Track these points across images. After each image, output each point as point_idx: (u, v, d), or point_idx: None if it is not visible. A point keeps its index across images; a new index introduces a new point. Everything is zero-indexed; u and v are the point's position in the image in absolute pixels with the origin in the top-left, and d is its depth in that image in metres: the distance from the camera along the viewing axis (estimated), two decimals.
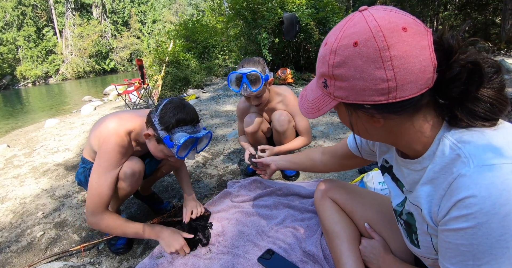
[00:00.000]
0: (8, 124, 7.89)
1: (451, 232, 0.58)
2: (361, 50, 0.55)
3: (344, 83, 0.59)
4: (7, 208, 2.21)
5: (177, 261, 1.38)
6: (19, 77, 30.16)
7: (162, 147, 1.31)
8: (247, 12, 6.62)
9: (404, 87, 0.54)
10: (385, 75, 0.54)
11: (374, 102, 0.57)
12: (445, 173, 0.60)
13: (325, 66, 0.61)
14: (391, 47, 0.53)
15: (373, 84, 0.55)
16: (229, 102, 5.24)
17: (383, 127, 0.64)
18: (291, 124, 1.97)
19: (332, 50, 0.59)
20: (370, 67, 0.54)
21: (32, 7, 32.65)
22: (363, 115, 0.62)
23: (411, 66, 0.53)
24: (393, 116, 0.60)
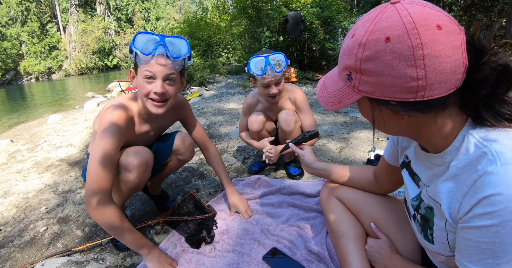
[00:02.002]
0: (11, 119, 7.91)
1: (473, 229, 0.57)
2: (393, 47, 0.53)
3: (371, 78, 0.57)
4: (10, 202, 2.21)
5: (181, 259, 1.37)
6: (22, 72, 30.27)
7: (139, 71, 1.22)
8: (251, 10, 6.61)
9: (433, 87, 0.53)
10: (415, 74, 0.53)
11: (401, 99, 0.56)
12: (469, 170, 0.60)
13: (351, 59, 0.59)
14: (425, 46, 0.51)
15: (402, 82, 0.54)
16: (232, 100, 5.23)
17: (405, 123, 0.64)
18: (298, 124, 1.95)
19: (361, 43, 0.57)
20: (401, 64, 0.53)
21: (36, 3, 32.72)
22: (387, 111, 0.61)
23: (442, 66, 0.52)
24: (418, 114, 0.59)
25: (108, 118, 1.23)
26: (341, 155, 2.44)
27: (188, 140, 1.62)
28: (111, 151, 1.19)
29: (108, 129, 1.21)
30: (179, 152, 1.61)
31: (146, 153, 1.38)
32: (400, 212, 1.13)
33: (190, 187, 2.14)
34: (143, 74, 1.22)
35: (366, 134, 2.88)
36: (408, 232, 1.07)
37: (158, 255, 1.31)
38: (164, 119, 1.55)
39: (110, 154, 1.19)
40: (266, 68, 1.75)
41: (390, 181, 1.14)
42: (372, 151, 2.28)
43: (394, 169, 1.05)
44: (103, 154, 1.17)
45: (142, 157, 1.34)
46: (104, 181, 1.16)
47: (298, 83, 6.25)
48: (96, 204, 1.13)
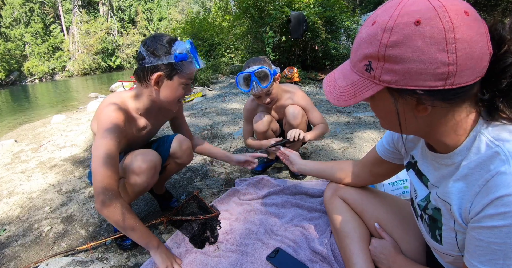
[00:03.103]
0: (15, 119, 7.94)
1: (485, 229, 0.57)
2: (423, 30, 0.50)
3: (396, 66, 0.54)
4: (14, 202, 2.22)
5: (185, 259, 1.37)
6: (26, 73, 30.40)
7: (176, 78, 1.29)
8: (254, 10, 6.60)
9: (463, 73, 0.51)
10: (447, 59, 0.50)
11: (429, 87, 0.53)
12: (481, 169, 0.59)
13: (374, 46, 0.55)
14: (456, 29, 0.50)
15: (432, 67, 0.51)
16: (235, 101, 5.23)
17: (424, 118, 0.61)
18: (304, 118, 1.96)
19: (387, 28, 0.53)
20: (432, 49, 0.50)
21: (39, 4, 32.88)
22: (408, 103, 0.58)
23: (472, 51, 0.51)
24: (444, 104, 0.56)
25: (106, 117, 1.24)
26: (344, 154, 2.43)
27: (186, 143, 1.60)
28: (112, 149, 1.20)
29: (108, 128, 1.21)
30: (176, 155, 1.58)
31: (154, 156, 1.38)
32: (405, 212, 1.12)
33: (194, 187, 2.14)
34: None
35: (369, 134, 2.87)
36: (413, 232, 1.06)
37: (166, 251, 1.33)
38: (159, 116, 1.56)
39: (112, 152, 1.20)
40: (252, 84, 1.77)
41: (371, 172, 1.17)
42: None
43: (382, 162, 1.07)
44: (106, 152, 1.18)
45: (150, 161, 1.35)
46: (110, 178, 1.17)
47: (301, 83, 6.24)
48: (105, 202, 1.14)
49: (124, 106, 1.32)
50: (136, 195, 1.43)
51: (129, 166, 1.34)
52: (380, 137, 2.77)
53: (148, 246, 1.29)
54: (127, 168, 1.35)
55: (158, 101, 1.35)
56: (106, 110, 1.26)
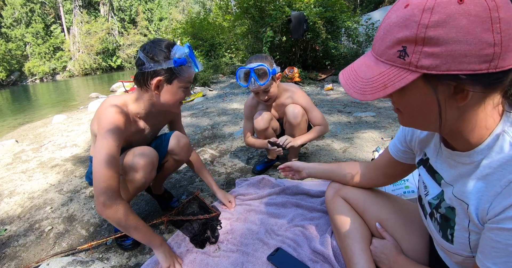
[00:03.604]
0: (16, 119, 7.96)
1: (504, 231, 0.55)
2: (468, 8, 0.47)
3: (438, 49, 0.49)
4: (15, 202, 2.22)
5: (186, 259, 1.37)
6: (27, 73, 30.46)
7: (176, 82, 1.31)
8: (254, 10, 6.60)
9: (506, 55, 0.48)
10: (492, 38, 0.47)
11: (473, 71, 0.49)
12: (504, 170, 0.57)
13: (410, 28, 0.51)
14: (500, 9, 0.47)
15: (477, 48, 0.48)
16: (236, 100, 5.23)
17: (459, 109, 0.57)
18: (304, 117, 1.97)
19: (427, 8, 0.49)
20: (477, 28, 0.47)
21: (40, 4, 32.94)
22: (446, 90, 0.54)
23: None
24: (485, 90, 0.53)
25: (108, 119, 1.25)
26: (345, 154, 2.43)
27: (183, 140, 1.62)
28: (114, 150, 1.21)
29: (109, 130, 1.23)
30: (174, 152, 1.60)
31: (151, 152, 1.41)
32: (406, 212, 1.12)
33: (194, 187, 2.14)
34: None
35: (370, 134, 2.86)
36: (414, 232, 1.06)
37: (169, 249, 1.34)
38: (159, 118, 1.58)
39: (113, 153, 1.21)
40: (250, 79, 1.80)
41: (385, 175, 1.13)
42: (376, 150, 2.27)
43: (396, 163, 1.04)
44: (107, 153, 1.19)
45: (148, 157, 1.38)
46: (111, 179, 1.17)
47: (302, 83, 6.24)
48: (106, 202, 1.14)
49: (125, 109, 1.34)
50: (135, 191, 1.44)
51: (127, 162, 1.36)
52: (381, 136, 2.77)
53: (151, 244, 1.29)
54: (125, 164, 1.37)
55: (159, 104, 1.38)
56: (107, 112, 1.27)
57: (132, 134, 1.42)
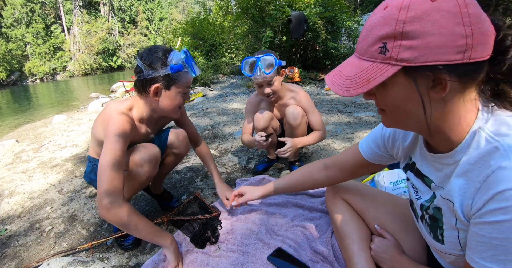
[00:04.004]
0: (16, 119, 7.96)
1: (486, 225, 0.57)
2: (440, 5, 0.52)
3: (415, 42, 0.53)
4: (15, 202, 2.22)
5: (186, 259, 1.37)
6: (27, 73, 30.47)
7: (174, 88, 1.34)
8: (255, 10, 6.60)
9: (478, 47, 0.53)
10: (464, 31, 0.52)
11: (450, 61, 0.53)
12: (481, 165, 0.59)
13: (389, 25, 0.55)
14: (469, 6, 0.52)
15: (451, 40, 0.52)
16: (236, 100, 5.23)
17: (440, 100, 0.59)
18: (304, 119, 1.97)
19: (403, 6, 0.54)
20: (449, 22, 0.52)
21: (40, 4, 32.95)
22: (426, 82, 0.57)
23: (483, 27, 0.53)
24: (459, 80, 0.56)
25: (115, 126, 1.27)
26: None
27: (182, 134, 1.66)
28: (120, 153, 1.23)
29: (116, 135, 1.25)
30: (173, 145, 1.64)
31: (154, 148, 1.45)
32: (406, 212, 1.12)
33: (195, 187, 2.14)
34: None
35: None
36: (413, 233, 1.06)
37: (178, 248, 1.35)
38: (161, 122, 1.62)
39: (119, 158, 1.22)
40: (256, 69, 1.79)
41: (353, 173, 1.15)
42: None
43: (368, 164, 1.05)
44: (113, 157, 1.20)
45: (151, 152, 1.42)
46: (116, 181, 1.18)
47: (302, 83, 6.24)
48: (108, 205, 1.14)
49: (130, 114, 1.37)
50: (137, 187, 1.47)
51: (131, 158, 1.39)
52: None
53: (160, 243, 1.29)
54: (129, 160, 1.39)
55: (159, 110, 1.42)
56: (114, 118, 1.29)
57: (135, 138, 1.44)
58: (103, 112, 1.37)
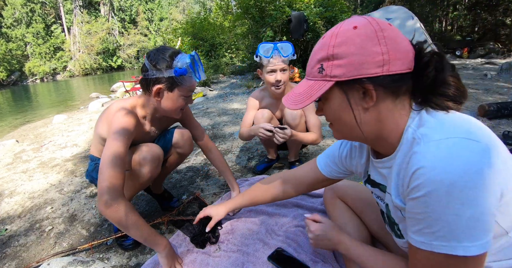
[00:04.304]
0: (16, 119, 7.96)
1: (410, 201, 0.64)
2: (360, 32, 0.65)
3: (343, 61, 0.66)
4: (16, 202, 2.22)
5: (186, 259, 1.37)
6: (27, 73, 30.47)
7: (176, 91, 1.33)
8: (255, 11, 6.60)
9: (395, 62, 0.64)
10: (380, 50, 0.64)
11: (372, 74, 0.64)
12: (405, 156, 0.67)
13: (324, 50, 0.69)
14: (384, 30, 0.65)
15: (371, 57, 0.64)
16: (236, 101, 5.23)
17: (372, 110, 0.69)
18: (303, 119, 1.98)
19: (333, 34, 0.68)
20: (368, 44, 0.64)
21: (40, 4, 32.95)
22: (357, 94, 0.68)
23: (399, 46, 0.65)
24: (385, 92, 0.67)
25: (119, 122, 1.28)
26: None
27: (187, 133, 1.68)
28: (122, 151, 1.23)
29: (119, 131, 1.25)
30: (178, 145, 1.65)
31: (157, 148, 1.46)
32: None
33: (195, 187, 2.14)
34: None
35: None
36: None
37: (172, 251, 1.32)
38: (164, 121, 1.62)
39: (122, 154, 1.22)
40: (273, 51, 1.81)
41: (310, 188, 1.23)
42: None
43: (326, 179, 1.13)
44: (116, 154, 1.20)
45: (154, 152, 1.43)
46: (115, 179, 1.17)
47: None
48: (108, 202, 1.13)
49: (134, 113, 1.38)
50: (139, 187, 1.47)
51: (134, 157, 1.40)
52: None
53: (154, 247, 1.26)
54: (132, 159, 1.40)
55: (160, 110, 1.42)
56: (118, 115, 1.30)
57: (139, 136, 1.45)
58: (108, 109, 1.38)
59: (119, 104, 1.37)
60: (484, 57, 11.30)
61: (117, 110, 1.32)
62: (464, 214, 0.55)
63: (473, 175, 0.55)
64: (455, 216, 0.56)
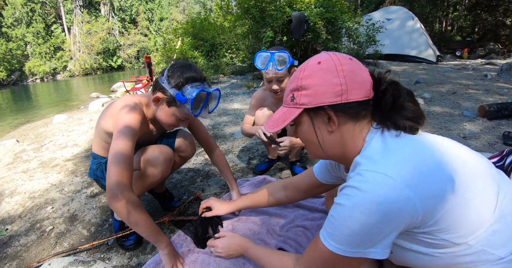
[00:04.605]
0: (17, 119, 7.96)
1: (334, 204, 0.75)
2: (322, 66, 0.77)
3: (308, 91, 0.78)
4: (16, 202, 2.22)
5: (187, 259, 1.37)
6: (27, 73, 30.42)
7: (173, 109, 1.33)
8: (255, 11, 6.59)
9: (352, 92, 0.75)
10: (339, 81, 0.75)
11: (332, 103, 0.76)
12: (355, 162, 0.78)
13: (294, 82, 0.82)
14: (343, 65, 0.76)
15: (331, 88, 0.76)
16: (236, 101, 5.23)
17: (336, 132, 0.80)
18: None
19: (301, 69, 0.81)
20: (329, 76, 0.76)
21: (41, 4, 32.92)
22: (322, 119, 0.80)
23: (356, 78, 0.76)
24: (345, 116, 0.78)
25: (127, 119, 1.29)
26: None
27: (189, 137, 1.69)
28: (129, 148, 1.24)
29: (127, 129, 1.26)
30: (181, 148, 1.67)
31: (169, 150, 1.49)
32: None
33: (196, 187, 2.14)
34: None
35: None
36: None
37: (173, 250, 1.33)
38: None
39: (129, 151, 1.23)
40: (269, 63, 1.80)
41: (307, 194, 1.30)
42: None
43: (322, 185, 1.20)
44: (123, 152, 1.21)
45: (167, 154, 1.46)
46: (123, 175, 1.18)
47: None
48: (115, 196, 1.14)
49: (141, 111, 1.38)
50: (148, 186, 1.49)
51: (146, 158, 1.42)
52: None
53: (157, 244, 1.27)
54: (144, 159, 1.42)
55: (156, 116, 1.42)
56: (124, 110, 1.31)
57: (143, 134, 1.45)
58: (113, 105, 1.39)
59: (125, 100, 1.37)
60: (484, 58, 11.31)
61: (122, 106, 1.33)
62: (352, 227, 0.69)
63: (370, 205, 0.66)
64: (346, 228, 0.70)
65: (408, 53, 9.55)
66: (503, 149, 1.23)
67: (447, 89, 4.82)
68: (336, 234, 0.72)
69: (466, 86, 5.00)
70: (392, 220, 0.66)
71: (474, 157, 0.76)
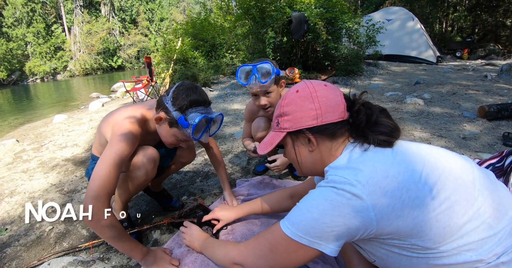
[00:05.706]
0: (16, 119, 7.96)
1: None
2: (300, 94, 0.88)
3: (289, 117, 0.89)
4: (16, 201, 2.22)
5: (186, 259, 1.37)
6: (28, 73, 30.44)
7: (175, 130, 1.31)
8: (255, 11, 6.59)
9: (327, 115, 0.84)
10: (314, 106, 0.84)
11: (309, 126, 0.85)
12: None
13: (278, 109, 0.93)
14: (317, 92, 0.86)
15: (307, 113, 0.85)
16: (236, 101, 5.23)
17: (316, 151, 0.88)
18: None
19: (284, 98, 0.92)
20: (305, 102, 0.86)
21: (41, 4, 32.94)
22: (303, 140, 0.89)
23: (330, 102, 0.85)
24: (322, 137, 0.86)
25: (127, 128, 1.28)
26: None
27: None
28: (124, 157, 1.23)
29: (126, 137, 1.25)
30: (182, 155, 1.71)
31: (152, 150, 1.44)
32: None
33: (195, 188, 2.14)
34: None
35: None
36: None
37: (153, 259, 1.30)
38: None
39: (123, 160, 1.22)
40: (251, 77, 1.66)
41: None
42: None
43: None
44: (118, 159, 1.19)
45: (150, 155, 1.42)
46: (110, 185, 1.16)
47: None
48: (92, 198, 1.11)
49: (142, 121, 1.38)
50: (135, 189, 1.47)
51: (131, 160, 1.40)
52: None
53: (132, 256, 1.25)
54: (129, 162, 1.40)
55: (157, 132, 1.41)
56: (127, 121, 1.30)
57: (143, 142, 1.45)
58: (115, 115, 1.37)
59: (130, 111, 1.36)
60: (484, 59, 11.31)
61: (126, 117, 1.32)
62: (313, 215, 0.76)
63: (312, 209, 0.76)
64: (308, 221, 0.77)
65: (408, 54, 9.56)
66: (503, 149, 1.23)
67: (447, 90, 4.83)
68: (297, 220, 0.79)
69: (466, 87, 5.00)
70: (344, 214, 0.73)
71: (454, 164, 0.79)
